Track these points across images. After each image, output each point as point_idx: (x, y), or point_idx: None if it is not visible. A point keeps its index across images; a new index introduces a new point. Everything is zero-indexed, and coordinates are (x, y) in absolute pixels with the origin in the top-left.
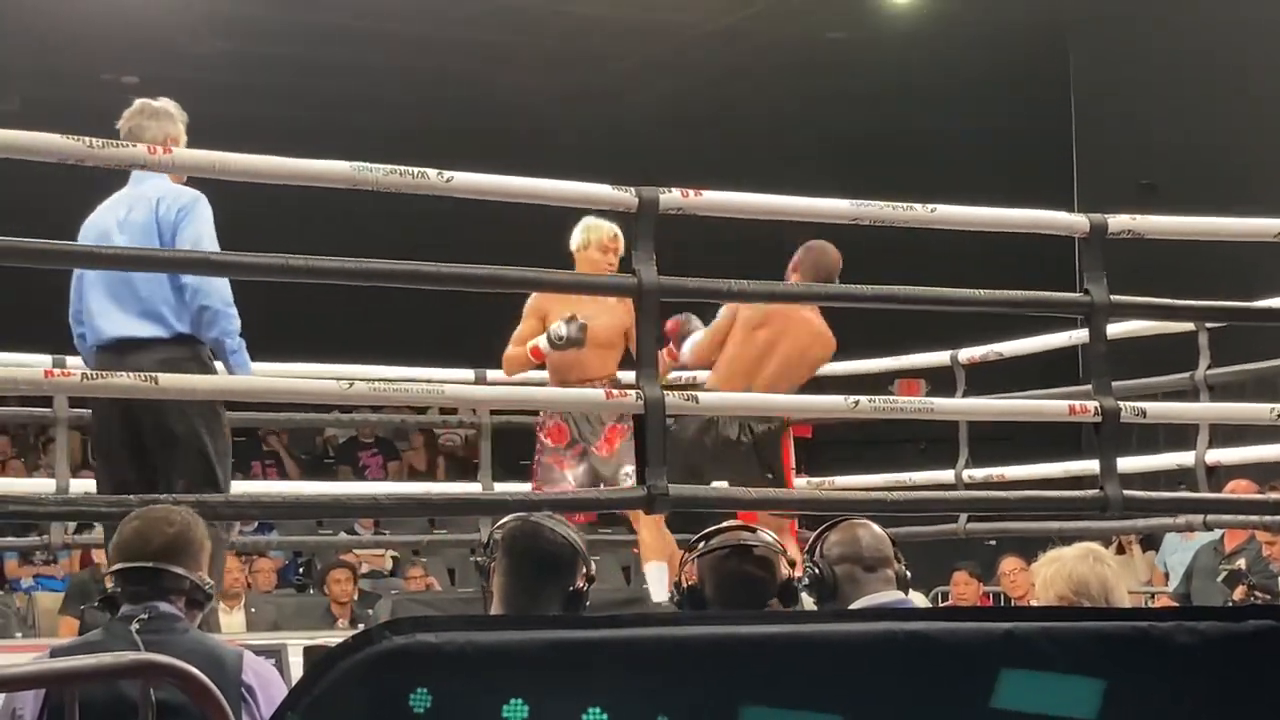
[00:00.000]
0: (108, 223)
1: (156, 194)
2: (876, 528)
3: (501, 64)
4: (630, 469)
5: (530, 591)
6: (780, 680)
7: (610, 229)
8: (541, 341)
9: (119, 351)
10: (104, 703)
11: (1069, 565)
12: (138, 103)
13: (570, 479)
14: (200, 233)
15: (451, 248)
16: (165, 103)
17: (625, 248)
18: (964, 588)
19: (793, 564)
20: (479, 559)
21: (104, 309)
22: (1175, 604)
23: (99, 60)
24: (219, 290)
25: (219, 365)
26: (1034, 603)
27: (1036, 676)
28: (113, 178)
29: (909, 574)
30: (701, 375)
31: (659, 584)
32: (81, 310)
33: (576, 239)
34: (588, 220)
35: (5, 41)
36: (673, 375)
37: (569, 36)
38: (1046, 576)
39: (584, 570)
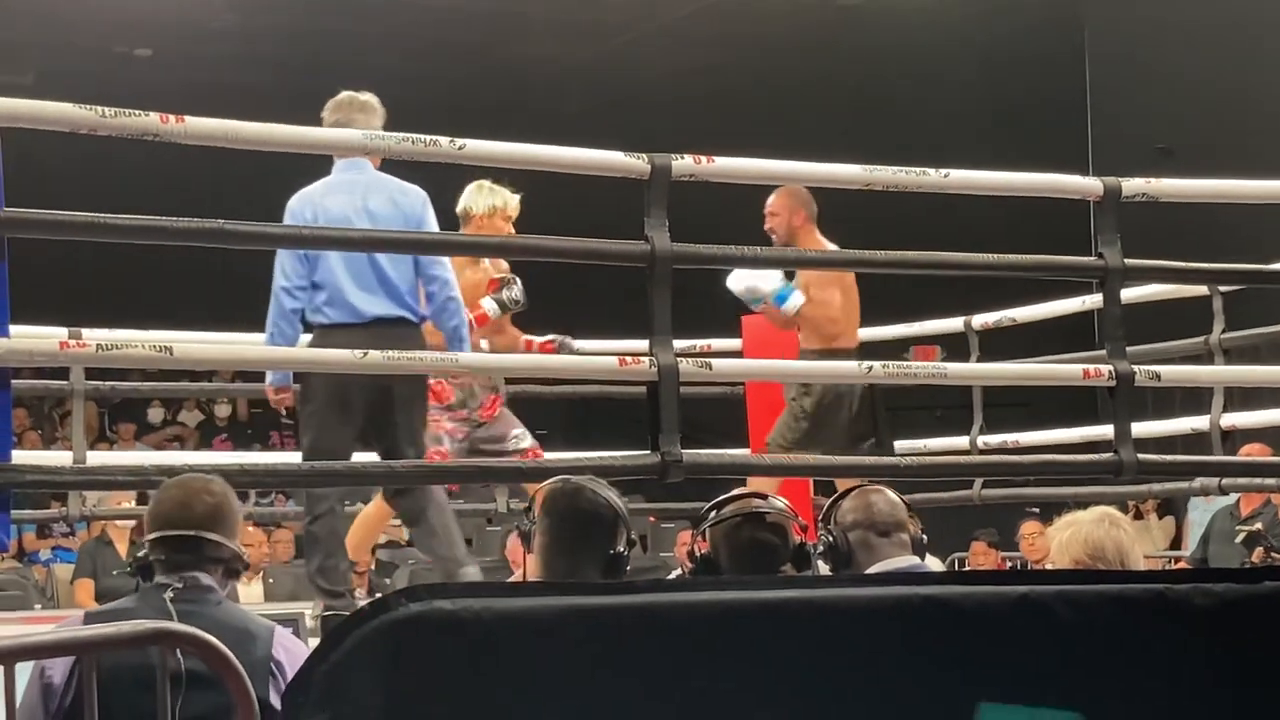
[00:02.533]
0: (343, 208)
1: (392, 186)
2: (891, 493)
3: (511, 34)
4: (520, 430)
5: (570, 554)
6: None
7: (516, 197)
8: (491, 307)
9: (373, 330)
10: (134, 670)
11: (1084, 529)
12: (346, 95)
13: (446, 442)
14: (435, 228)
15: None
16: (370, 97)
17: None
18: (982, 558)
19: (805, 529)
20: (519, 525)
21: (359, 290)
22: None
23: (112, 33)
24: (457, 284)
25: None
26: (1050, 567)
27: (1016, 711)
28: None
29: (925, 538)
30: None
31: None
32: (324, 286)
33: (481, 202)
34: (487, 184)
35: (20, 16)
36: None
37: (578, 6)
38: (1062, 540)
39: (625, 534)
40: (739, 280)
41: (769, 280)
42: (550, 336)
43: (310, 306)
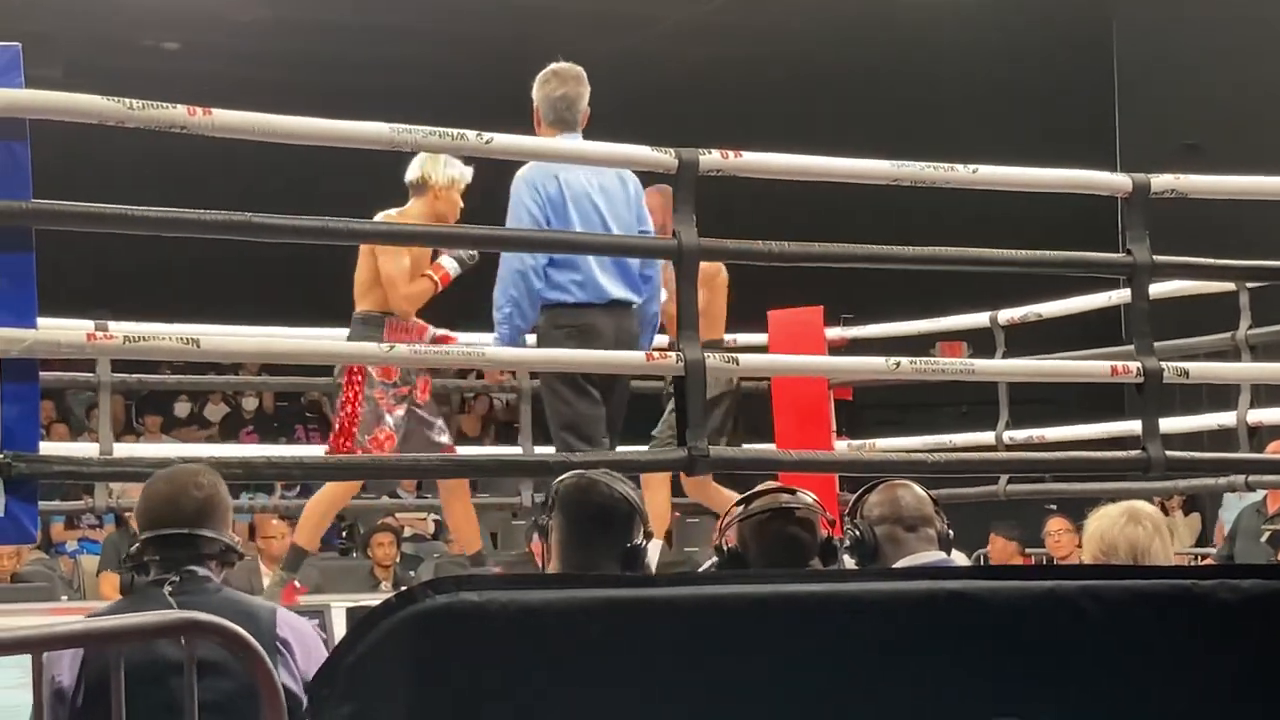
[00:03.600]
0: (583, 183)
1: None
2: (918, 487)
3: (540, 27)
4: (441, 421)
5: (586, 548)
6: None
7: (470, 169)
8: (451, 265)
9: (611, 310)
10: (140, 664)
11: (1101, 525)
12: (571, 68)
13: (390, 423)
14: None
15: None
16: (581, 70)
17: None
18: (999, 550)
19: (832, 524)
20: (537, 519)
21: (603, 271)
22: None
23: (141, 26)
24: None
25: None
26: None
27: None
28: None
29: (951, 533)
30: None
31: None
32: (570, 266)
33: (441, 173)
34: (448, 157)
35: (48, 9)
36: None
37: None
38: (1086, 535)
39: (642, 527)
40: None
41: None
42: (446, 332)
43: (549, 284)
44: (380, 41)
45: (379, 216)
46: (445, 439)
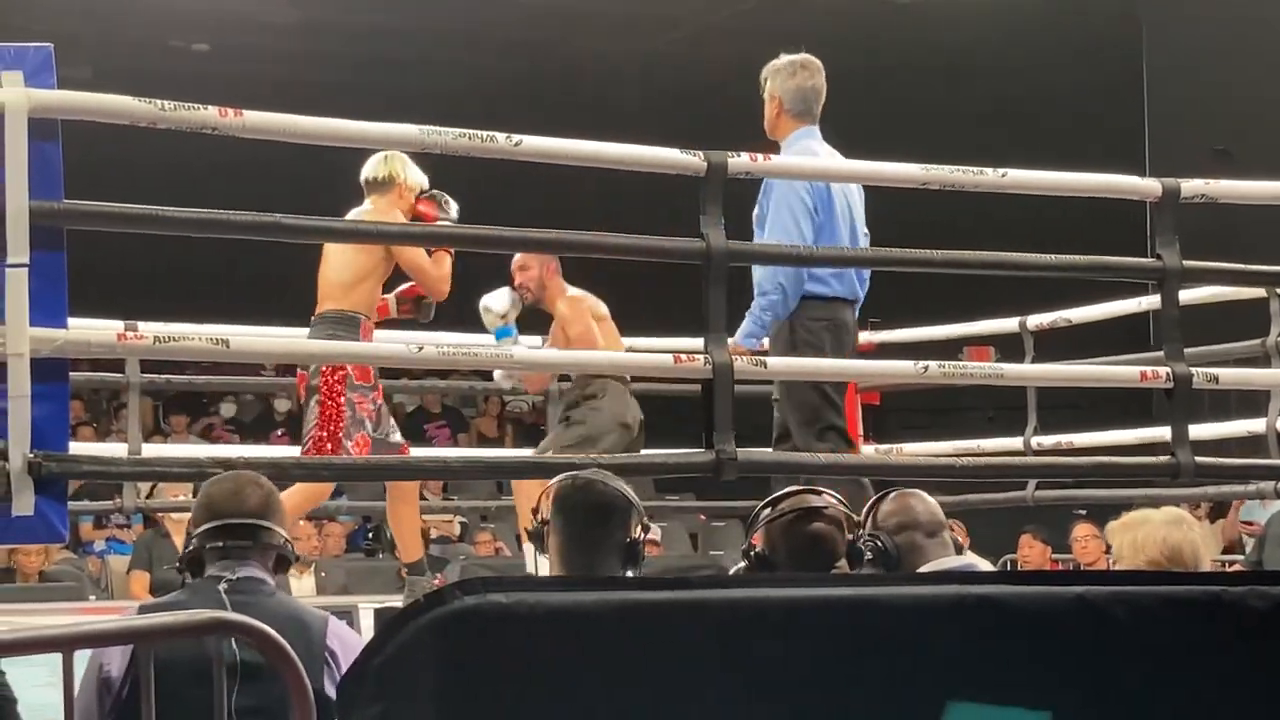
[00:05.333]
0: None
1: None
2: (926, 495)
3: (568, 28)
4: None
5: (586, 547)
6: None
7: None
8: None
9: (851, 307)
10: (190, 661)
11: (1161, 530)
12: (811, 59)
13: (368, 427)
14: None
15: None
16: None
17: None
18: (1029, 550)
19: (859, 526)
20: (529, 528)
21: (853, 269)
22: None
23: (169, 28)
24: None
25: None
26: (1120, 564)
27: (985, 710)
28: None
29: (961, 541)
30: None
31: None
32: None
33: (411, 174)
34: (406, 158)
35: (77, 10)
36: None
37: (634, 2)
38: (1137, 540)
39: (639, 522)
40: (484, 300)
41: (492, 316)
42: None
43: (810, 275)
44: (409, 43)
45: (353, 214)
46: (397, 437)
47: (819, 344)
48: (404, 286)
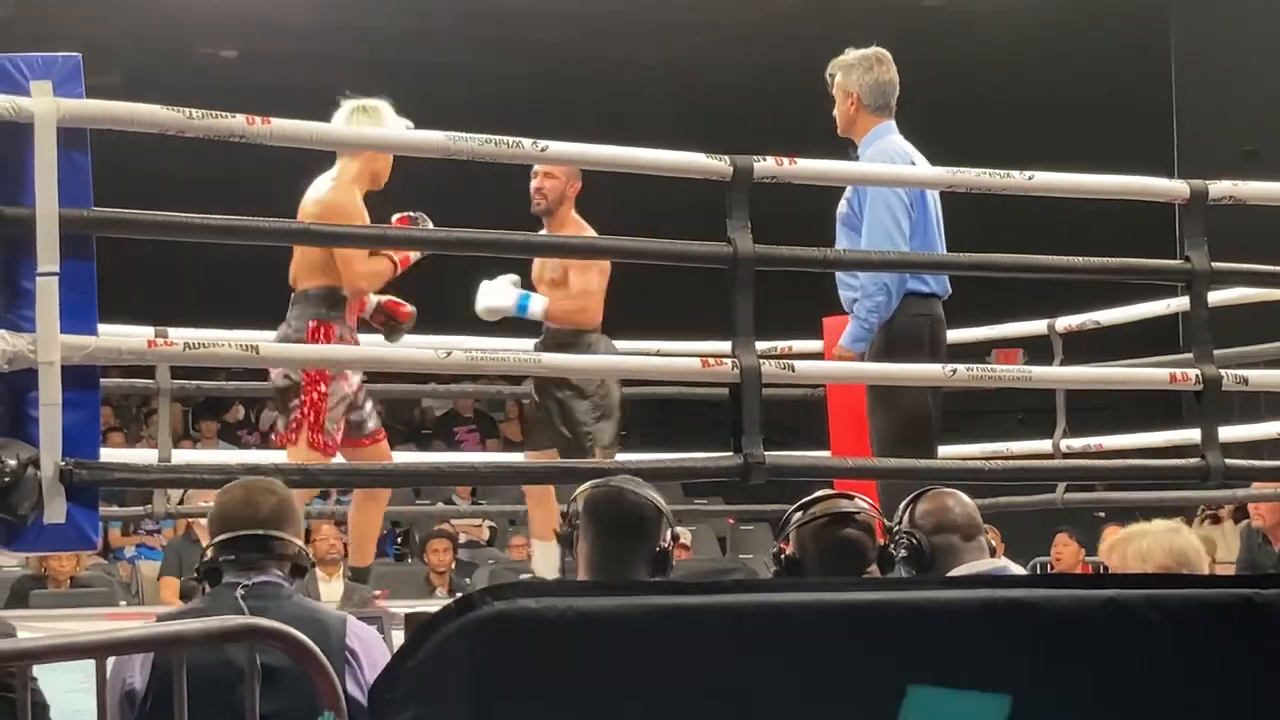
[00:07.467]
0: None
1: None
2: (964, 496)
3: (594, 34)
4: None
5: (615, 556)
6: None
7: None
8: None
9: (942, 304)
10: (210, 668)
11: (1165, 537)
12: (883, 52)
13: (371, 415)
14: None
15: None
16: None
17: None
18: (1063, 549)
19: (889, 531)
20: (558, 529)
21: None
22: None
23: (197, 34)
24: None
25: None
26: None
27: (942, 693)
28: None
29: (993, 543)
30: None
31: (548, 564)
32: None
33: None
34: (382, 113)
35: (106, 17)
36: None
37: (660, 6)
38: (1143, 548)
39: (668, 531)
40: (479, 303)
41: (505, 296)
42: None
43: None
44: (438, 48)
45: (319, 181)
46: (374, 424)
47: (918, 341)
48: (387, 299)
